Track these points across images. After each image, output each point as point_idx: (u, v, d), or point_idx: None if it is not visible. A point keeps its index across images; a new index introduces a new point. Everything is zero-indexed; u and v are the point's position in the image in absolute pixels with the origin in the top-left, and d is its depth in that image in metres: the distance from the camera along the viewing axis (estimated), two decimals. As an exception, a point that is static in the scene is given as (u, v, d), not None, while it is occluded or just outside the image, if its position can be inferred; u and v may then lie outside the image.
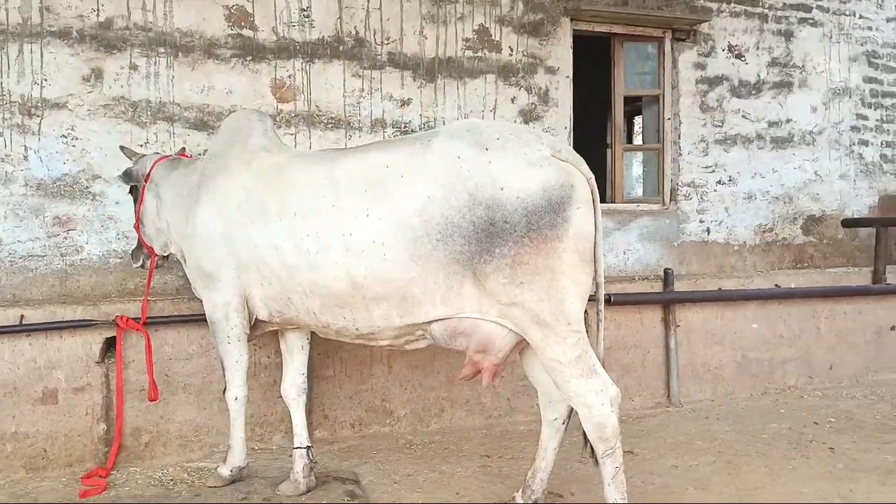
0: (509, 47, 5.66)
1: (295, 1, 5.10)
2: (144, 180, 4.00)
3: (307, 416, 3.81)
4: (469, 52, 5.55)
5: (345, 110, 5.23)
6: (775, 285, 5.44)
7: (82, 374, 3.98)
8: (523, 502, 3.31)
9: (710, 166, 6.32)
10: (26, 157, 4.58)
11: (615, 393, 2.94)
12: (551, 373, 2.97)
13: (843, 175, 6.85)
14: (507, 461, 4.06)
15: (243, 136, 3.73)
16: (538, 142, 2.95)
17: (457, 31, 5.52)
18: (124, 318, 3.96)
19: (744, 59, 6.44)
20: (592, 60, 6.43)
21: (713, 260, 6.29)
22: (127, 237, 4.75)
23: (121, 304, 4.15)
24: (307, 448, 3.69)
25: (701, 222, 6.27)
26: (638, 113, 8.86)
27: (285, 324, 3.57)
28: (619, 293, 4.97)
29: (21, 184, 4.57)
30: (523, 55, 5.70)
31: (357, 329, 3.22)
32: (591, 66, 6.17)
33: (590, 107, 7.43)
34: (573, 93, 5.91)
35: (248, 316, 3.55)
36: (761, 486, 3.64)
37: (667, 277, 5.14)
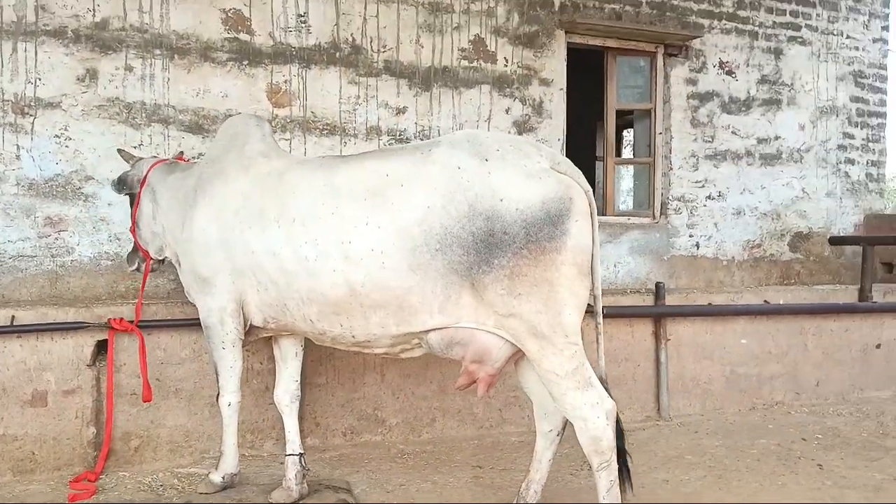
0: (504, 58, 5.69)
1: (292, 6, 5.10)
2: (141, 184, 3.97)
3: (299, 424, 3.79)
4: (465, 62, 5.58)
5: (340, 117, 5.23)
6: (764, 301, 5.49)
7: (73, 376, 3.93)
8: (517, 514, 3.31)
9: (700, 181, 6.38)
10: (18, 157, 4.54)
11: (611, 406, 2.95)
12: (547, 384, 2.97)
13: (830, 193, 6.93)
14: (499, 472, 4.05)
15: (241, 141, 3.71)
16: (538, 154, 2.97)
17: (453, 40, 5.55)
18: (119, 320, 3.93)
19: (734, 75, 6.52)
20: (583, 73, 6.47)
21: (702, 274, 6.35)
22: (119, 239, 4.72)
23: (113, 307, 4.11)
24: (300, 455, 3.66)
25: (690, 237, 6.32)
26: (627, 126, 8.91)
27: (280, 330, 3.55)
28: (610, 306, 4.96)
29: (13, 183, 4.53)
30: (518, 66, 5.73)
31: (353, 337, 3.21)
32: (581, 78, 6.21)
33: (579, 119, 7.46)
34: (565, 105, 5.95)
35: (243, 321, 3.54)
36: (752, 502, 3.65)
37: (658, 291, 5.16)
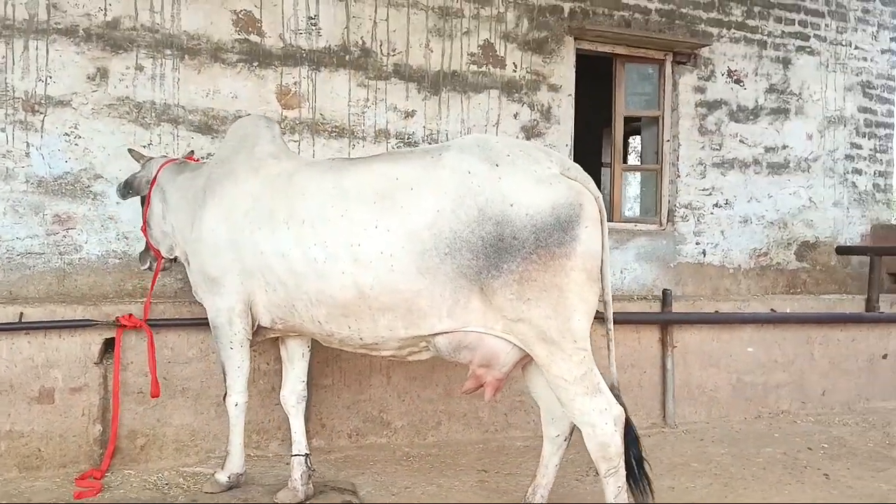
0: (513, 63, 5.70)
1: (303, 8, 5.11)
2: (151, 183, 3.97)
3: (305, 425, 3.78)
4: (474, 67, 5.59)
5: (349, 119, 5.24)
6: (771, 310, 5.48)
7: (80, 374, 3.94)
8: (524, 519, 3.31)
9: (707, 189, 6.38)
10: (28, 154, 4.55)
11: (619, 412, 2.95)
12: (556, 390, 2.97)
13: (837, 203, 6.93)
14: (504, 477, 4.04)
15: (251, 142, 3.72)
16: (548, 159, 2.98)
17: (462, 45, 5.55)
18: (128, 316, 3.93)
19: (742, 84, 6.52)
20: (590, 79, 6.48)
21: (708, 282, 6.34)
22: (126, 238, 4.72)
23: (120, 305, 4.11)
24: (305, 455, 3.66)
25: (697, 244, 6.31)
26: (633, 133, 8.91)
27: (288, 331, 3.56)
28: (617, 312, 4.89)
29: (22, 180, 4.54)
30: (527, 72, 5.74)
31: (361, 339, 3.21)
32: (588, 84, 6.21)
33: (586, 125, 7.47)
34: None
35: (251, 322, 3.54)
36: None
37: (665, 298, 5.15)
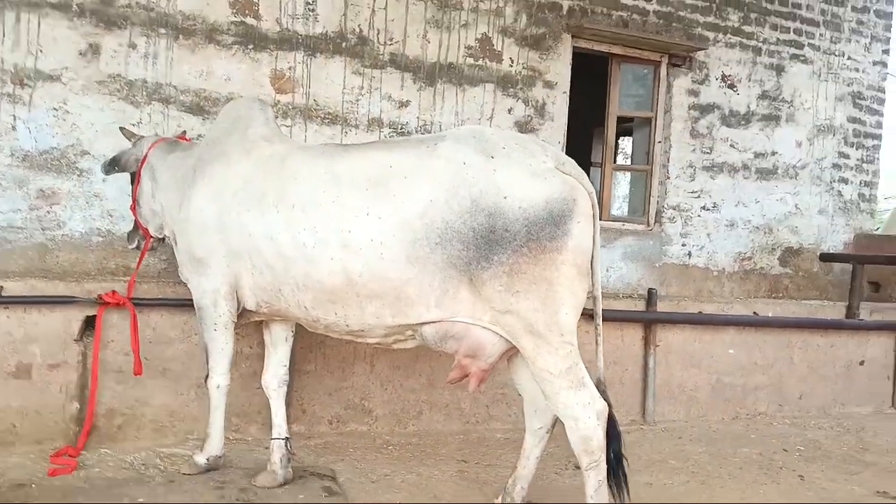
0: (510, 58, 5.69)
1: (300, -7, 5.08)
2: (141, 162, 3.93)
3: (285, 410, 3.76)
4: (470, 60, 5.57)
5: (343, 107, 5.22)
6: (753, 313, 5.52)
7: (59, 350, 3.88)
8: (502, 510, 3.31)
9: (695, 191, 6.41)
10: (14, 128, 4.50)
11: (602, 407, 2.96)
12: (541, 383, 2.98)
13: (822, 210, 6.99)
14: (483, 468, 4.05)
15: (243, 124, 3.69)
16: (543, 153, 2.98)
17: (460, 37, 5.54)
18: (112, 293, 3.89)
19: (735, 89, 6.55)
20: (583, 78, 6.48)
21: (692, 284, 6.38)
22: (111, 216, 4.68)
23: (103, 283, 4.06)
24: (286, 439, 3.64)
25: (683, 246, 6.35)
26: (623, 134, 8.92)
27: (273, 315, 3.54)
28: (603, 309, 4.88)
29: (7, 154, 4.48)
30: (523, 67, 5.73)
31: (348, 326, 3.20)
32: (581, 83, 6.22)
33: (577, 124, 7.45)
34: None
35: (237, 304, 3.51)
36: (735, 507, 3.69)
37: (650, 297, 5.17)
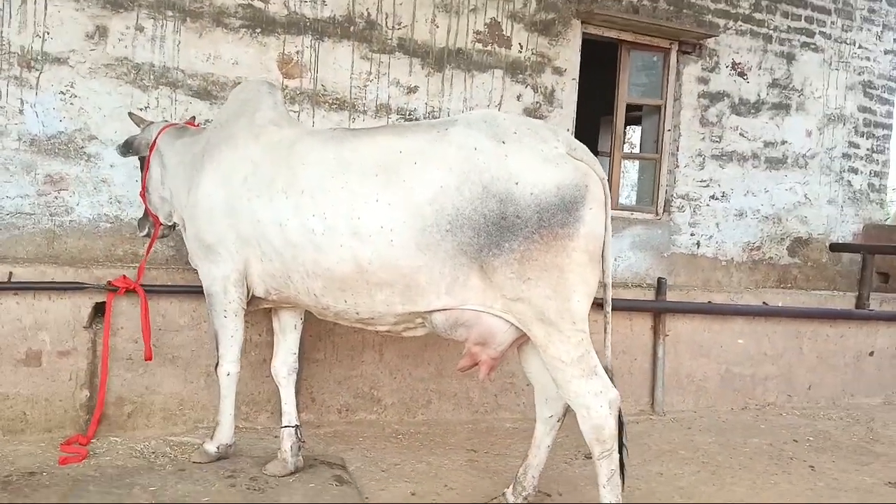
0: (519, 44, 5.64)
1: (309, -23, 5.03)
2: (150, 148, 3.89)
3: (295, 398, 3.74)
4: (479, 46, 5.52)
5: (351, 92, 5.17)
6: (763, 303, 5.49)
7: (69, 337, 3.86)
8: (514, 501, 3.28)
9: (704, 181, 6.37)
10: (21, 111, 4.46)
11: (614, 395, 2.93)
12: (552, 371, 2.94)
13: (832, 200, 6.94)
14: (493, 457, 4.03)
15: (252, 107, 3.64)
16: (555, 139, 2.93)
17: (468, 22, 5.49)
18: (122, 277, 3.86)
19: (746, 77, 6.49)
20: (592, 65, 6.42)
21: (701, 273, 6.34)
22: (119, 202, 4.66)
23: (112, 269, 4.03)
24: (296, 427, 3.62)
25: (692, 235, 6.31)
26: (631, 122, 8.87)
27: (282, 302, 3.51)
28: (612, 298, 4.89)
29: (14, 138, 4.45)
30: (532, 53, 5.68)
31: (357, 313, 3.17)
32: (589, 70, 6.16)
33: (585, 111, 7.39)
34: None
35: (246, 291, 3.48)
36: (747, 500, 3.65)
37: (660, 287, 5.14)
